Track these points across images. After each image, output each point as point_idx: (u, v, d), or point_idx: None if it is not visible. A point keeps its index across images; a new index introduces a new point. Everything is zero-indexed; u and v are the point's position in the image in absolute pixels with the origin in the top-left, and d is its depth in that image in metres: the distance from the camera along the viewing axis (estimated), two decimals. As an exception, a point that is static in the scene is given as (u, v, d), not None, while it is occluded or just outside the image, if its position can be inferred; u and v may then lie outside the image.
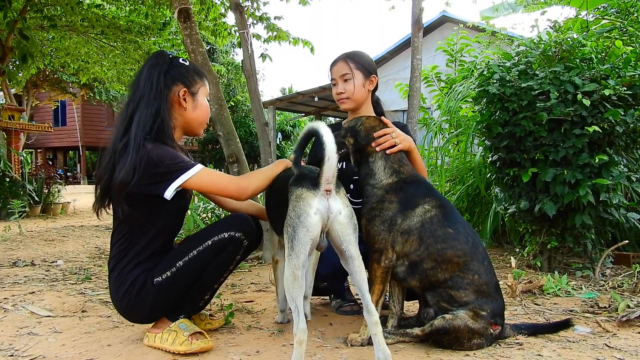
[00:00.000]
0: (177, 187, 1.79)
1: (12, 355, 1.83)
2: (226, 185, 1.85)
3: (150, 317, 1.96)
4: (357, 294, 2.56)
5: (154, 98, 1.85)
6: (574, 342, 1.94)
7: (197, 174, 1.80)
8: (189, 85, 1.94)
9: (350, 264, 1.69)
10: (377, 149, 2.03)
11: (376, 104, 2.46)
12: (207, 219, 4.82)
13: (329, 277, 2.41)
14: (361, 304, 2.43)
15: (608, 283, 2.94)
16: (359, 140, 2.05)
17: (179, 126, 1.98)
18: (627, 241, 3.23)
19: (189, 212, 3.58)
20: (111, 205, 1.90)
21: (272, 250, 2.23)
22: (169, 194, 1.78)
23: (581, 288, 2.86)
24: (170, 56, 1.97)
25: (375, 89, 2.40)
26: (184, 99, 1.93)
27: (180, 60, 1.96)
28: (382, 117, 2.16)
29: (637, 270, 2.88)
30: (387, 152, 2.02)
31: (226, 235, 1.87)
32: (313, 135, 1.68)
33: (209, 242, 1.87)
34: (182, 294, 1.92)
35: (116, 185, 1.78)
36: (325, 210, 1.62)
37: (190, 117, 1.97)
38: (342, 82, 2.33)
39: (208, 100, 2.03)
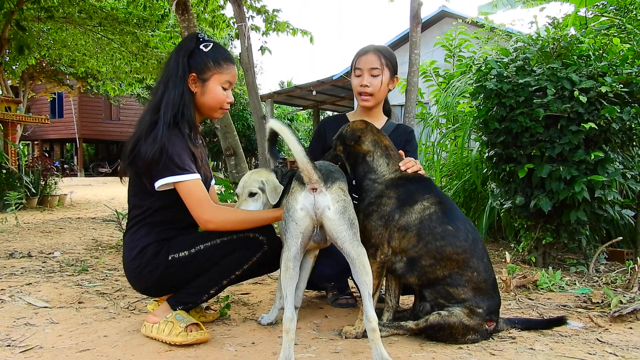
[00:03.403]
0: (165, 184, 1.86)
1: (9, 346, 1.84)
2: (195, 207, 1.86)
3: (152, 289, 2.00)
4: (353, 287, 2.58)
5: (180, 79, 1.96)
6: (566, 337, 1.96)
7: (184, 182, 1.85)
8: (199, 71, 1.99)
9: (350, 263, 1.66)
10: (409, 171, 1.98)
11: (385, 101, 2.46)
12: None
13: (334, 278, 2.44)
14: (357, 296, 2.46)
15: (602, 279, 2.97)
16: (347, 142, 2.03)
17: (197, 108, 2.06)
18: (621, 238, 3.25)
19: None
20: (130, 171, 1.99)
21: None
22: (157, 185, 1.87)
23: (575, 284, 2.88)
24: (201, 39, 2.04)
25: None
26: (194, 84, 2.00)
27: (203, 45, 2.01)
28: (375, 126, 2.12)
29: (631, 266, 2.90)
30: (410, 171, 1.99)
31: (250, 235, 1.93)
32: (276, 134, 1.73)
33: (234, 236, 1.91)
34: (192, 278, 1.93)
35: (143, 161, 1.86)
36: (311, 206, 1.63)
37: (200, 101, 2.04)
38: (369, 75, 2.29)
39: (225, 89, 2.04)
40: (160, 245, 1.92)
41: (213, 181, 2.29)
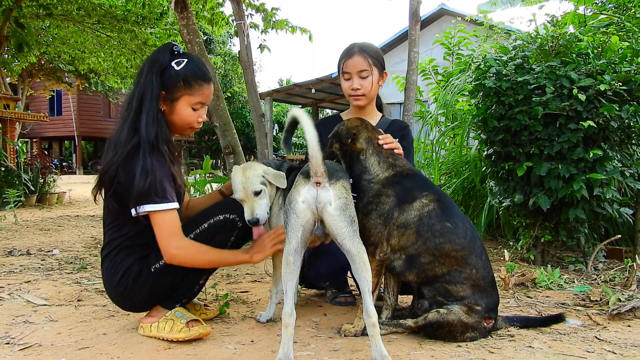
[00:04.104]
0: (143, 213, 1.80)
1: (8, 344, 1.84)
2: (164, 238, 1.81)
3: (145, 304, 1.98)
4: (352, 285, 2.58)
5: (156, 98, 1.88)
6: (564, 335, 1.97)
7: (160, 212, 1.80)
8: (168, 90, 1.92)
9: (350, 260, 1.67)
10: (385, 147, 2.01)
11: (377, 96, 2.46)
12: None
13: (331, 277, 2.43)
14: (356, 294, 2.46)
15: (600, 277, 2.97)
16: (343, 141, 2.04)
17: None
18: (619, 236, 3.25)
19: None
20: (103, 195, 1.93)
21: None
22: (136, 213, 1.81)
23: (573, 282, 2.89)
24: (175, 52, 1.95)
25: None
26: (163, 102, 1.93)
27: (175, 62, 1.92)
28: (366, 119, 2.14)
29: (629, 264, 2.91)
30: (385, 147, 2.02)
31: (221, 218, 1.95)
32: (297, 123, 1.73)
33: (205, 225, 1.94)
34: (180, 278, 1.94)
35: (126, 188, 1.81)
36: (313, 200, 1.64)
37: (169, 119, 1.97)
38: (358, 77, 2.29)
39: (195, 109, 1.96)
40: (141, 262, 1.90)
41: (186, 195, 2.25)
